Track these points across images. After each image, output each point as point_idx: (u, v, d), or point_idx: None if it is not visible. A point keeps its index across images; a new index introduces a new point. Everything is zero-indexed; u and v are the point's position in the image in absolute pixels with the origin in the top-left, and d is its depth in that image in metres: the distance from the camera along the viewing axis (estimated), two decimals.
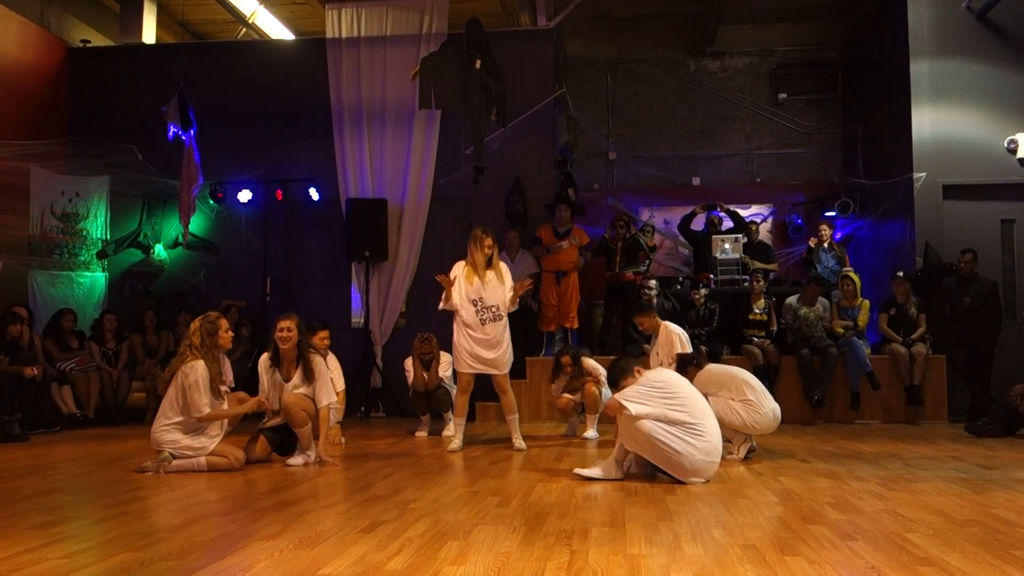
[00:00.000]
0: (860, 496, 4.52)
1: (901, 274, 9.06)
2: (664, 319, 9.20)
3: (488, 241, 6.62)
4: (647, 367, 5.60)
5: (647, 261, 10.03)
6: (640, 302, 8.55)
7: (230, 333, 5.81)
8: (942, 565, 3.04)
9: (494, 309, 6.58)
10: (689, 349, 7.16)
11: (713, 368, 6.21)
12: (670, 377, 5.16)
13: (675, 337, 7.25)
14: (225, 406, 5.68)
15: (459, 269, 6.68)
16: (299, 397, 5.88)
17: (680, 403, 4.96)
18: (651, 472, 5.13)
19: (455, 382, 7.17)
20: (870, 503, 4.31)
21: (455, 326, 6.66)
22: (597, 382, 7.50)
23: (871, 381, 8.69)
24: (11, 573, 2.99)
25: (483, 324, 6.57)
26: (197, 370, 5.47)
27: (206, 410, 5.46)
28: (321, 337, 7.26)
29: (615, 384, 5.35)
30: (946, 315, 8.76)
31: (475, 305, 6.57)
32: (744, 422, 5.84)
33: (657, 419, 4.87)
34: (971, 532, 3.60)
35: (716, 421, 5.15)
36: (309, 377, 5.93)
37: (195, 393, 5.45)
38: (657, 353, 7.35)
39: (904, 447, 6.76)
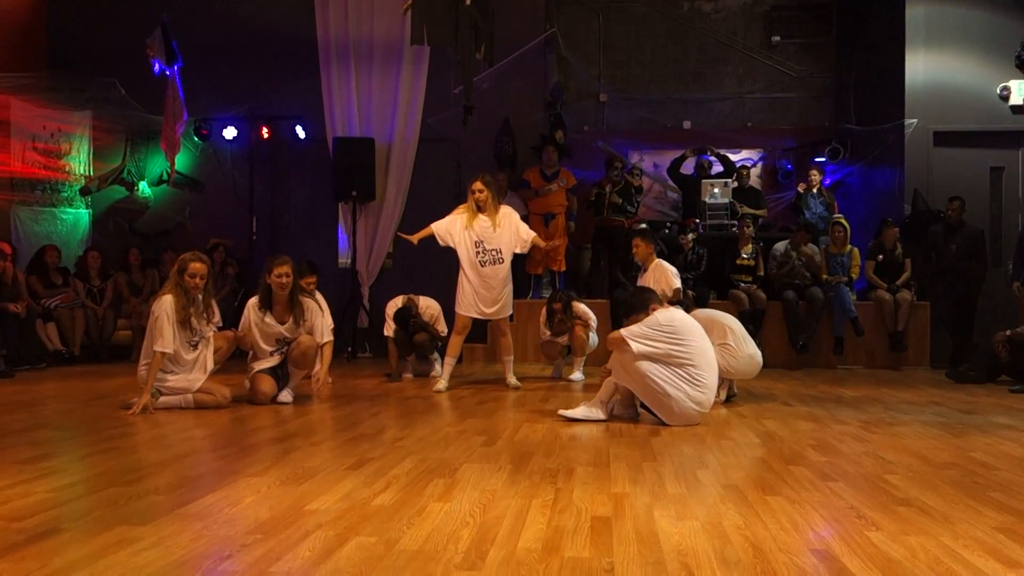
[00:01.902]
0: (841, 439, 4.58)
1: (890, 220, 9.07)
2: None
3: (477, 185, 6.68)
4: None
5: (637, 204, 10.00)
6: (642, 227, 8.50)
7: (196, 280, 5.55)
8: (920, 505, 3.10)
9: (494, 252, 6.63)
10: (678, 285, 7.04)
11: (698, 313, 6.21)
12: (680, 322, 5.04)
13: (666, 275, 7.04)
14: (205, 346, 5.66)
15: (460, 211, 6.73)
16: (313, 342, 5.91)
17: (686, 348, 4.92)
18: (635, 414, 5.17)
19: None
20: (851, 446, 4.38)
21: (460, 270, 6.73)
22: (586, 326, 7.54)
23: (855, 327, 8.76)
24: None
25: (483, 266, 6.62)
26: (163, 304, 5.44)
27: (168, 348, 5.39)
28: (308, 282, 7.17)
29: (627, 315, 5.30)
30: (932, 262, 8.80)
31: (477, 247, 6.62)
32: (720, 366, 5.87)
33: (656, 361, 4.88)
34: (949, 474, 3.66)
35: (716, 373, 5.15)
36: (300, 320, 5.94)
37: (156, 325, 5.39)
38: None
39: (886, 392, 6.84)
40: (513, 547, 2.56)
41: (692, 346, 4.97)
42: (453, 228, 6.70)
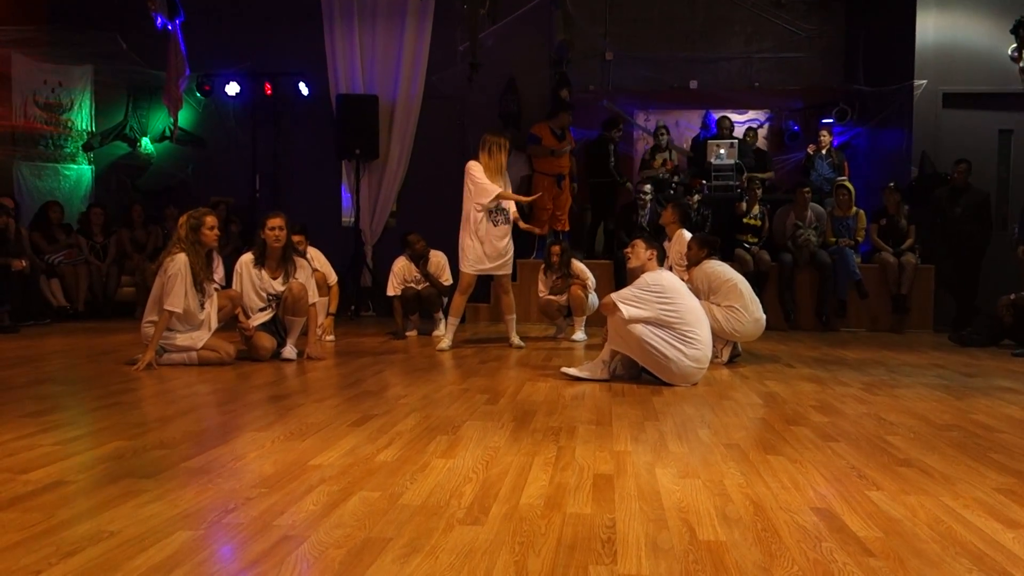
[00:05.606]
0: (843, 400, 4.59)
1: (892, 184, 9.01)
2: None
3: (508, 147, 6.73)
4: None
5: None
6: (670, 192, 8.48)
7: (215, 231, 5.68)
8: (921, 466, 3.11)
9: (505, 212, 6.63)
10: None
11: (714, 265, 6.13)
12: (668, 281, 5.08)
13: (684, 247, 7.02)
14: (211, 305, 5.67)
15: (478, 171, 6.64)
16: (303, 287, 5.95)
17: (675, 308, 4.95)
18: (637, 374, 5.18)
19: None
20: (853, 407, 4.39)
21: (465, 228, 6.68)
22: (584, 286, 7.53)
23: (859, 290, 8.74)
24: (5, 458, 3.03)
25: (495, 226, 6.65)
26: (177, 262, 5.44)
27: (178, 307, 5.41)
28: (296, 242, 7.14)
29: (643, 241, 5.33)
30: (937, 225, 8.76)
31: (495, 205, 6.65)
32: (723, 328, 5.87)
33: (649, 323, 4.89)
34: (950, 436, 3.67)
35: (709, 328, 5.16)
36: (291, 277, 5.99)
37: (170, 283, 5.41)
38: (667, 256, 7.16)
39: (888, 354, 6.85)
40: (516, 503, 2.57)
41: (680, 305, 4.99)
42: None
